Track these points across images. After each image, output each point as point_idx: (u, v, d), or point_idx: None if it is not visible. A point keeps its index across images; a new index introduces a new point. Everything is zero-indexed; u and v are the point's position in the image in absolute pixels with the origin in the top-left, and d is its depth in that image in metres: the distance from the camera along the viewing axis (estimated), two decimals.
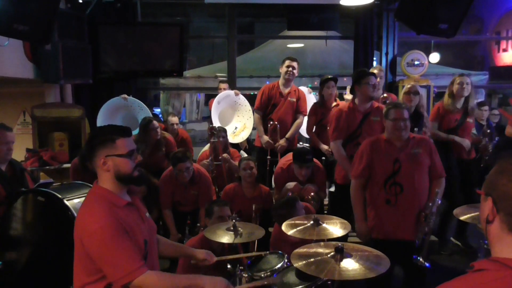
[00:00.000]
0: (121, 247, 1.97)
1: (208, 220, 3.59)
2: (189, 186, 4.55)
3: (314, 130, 5.38)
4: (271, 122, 5.30)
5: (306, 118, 5.53)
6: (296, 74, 5.44)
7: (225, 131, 5.38)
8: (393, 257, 2.47)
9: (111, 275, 1.98)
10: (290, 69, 5.31)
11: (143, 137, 5.13)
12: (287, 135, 5.34)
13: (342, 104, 4.67)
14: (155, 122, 5.23)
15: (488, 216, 1.31)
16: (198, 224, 4.43)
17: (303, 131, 5.84)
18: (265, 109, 5.42)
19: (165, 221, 4.61)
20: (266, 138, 5.29)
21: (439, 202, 3.48)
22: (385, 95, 5.36)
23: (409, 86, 4.82)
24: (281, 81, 5.44)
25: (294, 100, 5.42)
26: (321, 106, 5.36)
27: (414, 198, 3.45)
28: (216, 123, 5.69)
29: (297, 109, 5.45)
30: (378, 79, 5.27)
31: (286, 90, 5.41)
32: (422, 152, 3.53)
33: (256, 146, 5.70)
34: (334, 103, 5.34)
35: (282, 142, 5.28)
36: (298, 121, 5.44)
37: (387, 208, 3.49)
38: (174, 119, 5.85)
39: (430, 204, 3.42)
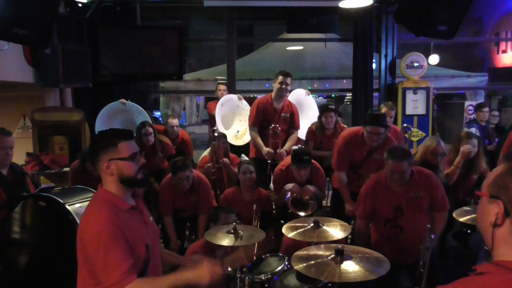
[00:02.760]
0: (115, 254, 1.96)
1: (213, 225, 3.59)
2: (189, 193, 4.55)
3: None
4: (272, 126, 5.25)
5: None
6: (290, 89, 5.34)
7: (225, 136, 5.37)
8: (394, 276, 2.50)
9: (102, 280, 1.98)
10: (284, 86, 5.18)
11: (137, 141, 5.11)
12: (285, 147, 5.27)
13: (352, 133, 4.51)
14: (148, 128, 5.19)
15: (497, 219, 1.27)
16: (194, 237, 4.43)
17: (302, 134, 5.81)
18: (259, 125, 5.33)
19: (165, 227, 4.61)
20: (266, 149, 5.20)
21: (433, 236, 3.45)
22: (405, 124, 5.31)
23: (433, 145, 4.42)
24: (274, 95, 5.32)
25: (288, 115, 5.33)
26: (320, 133, 5.33)
27: (414, 237, 3.44)
28: (219, 124, 5.69)
29: (291, 124, 5.37)
30: (388, 118, 5.23)
31: (280, 105, 5.32)
32: (423, 194, 3.53)
33: (250, 158, 5.62)
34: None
35: (283, 151, 5.24)
36: (293, 136, 5.36)
37: (388, 242, 3.55)
38: (174, 121, 5.84)
39: (428, 239, 3.41)
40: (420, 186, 3.55)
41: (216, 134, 5.21)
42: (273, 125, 5.24)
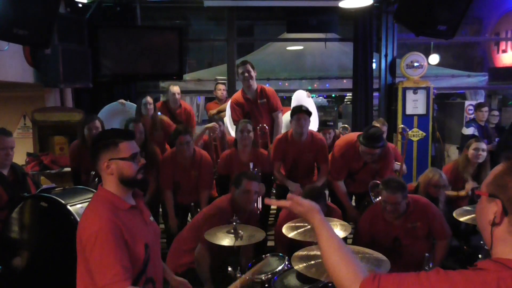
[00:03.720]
0: (111, 256, 1.95)
1: (235, 189, 3.61)
2: (190, 166, 4.52)
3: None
4: (258, 127, 5.22)
5: None
6: (254, 74, 5.27)
7: (222, 120, 5.34)
8: None
9: (95, 280, 1.97)
10: (246, 74, 5.19)
11: (136, 114, 5.10)
12: (275, 134, 5.28)
13: (348, 143, 4.50)
14: (148, 98, 5.20)
15: (495, 218, 1.29)
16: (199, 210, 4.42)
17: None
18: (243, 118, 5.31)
19: (164, 202, 4.57)
20: None
21: (431, 265, 3.44)
22: (402, 126, 5.64)
23: (435, 178, 4.32)
24: (243, 88, 5.34)
25: (264, 100, 5.32)
26: None
27: (414, 262, 3.38)
28: (227, 122, 5.71)
29: (270, 109, 5.35)
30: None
31: (252, 94, 5.30)
32: (420, 225, 3.54)
33: None
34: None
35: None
36: (277, 120, 5.36)
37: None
38: (175, 88, 5.79)
39: (426, 268, 3.40)
40: (417, 217, 3.55)
41: (212, 134, 5.22)
42: (260, 125, 5.22)
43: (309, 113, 4.54)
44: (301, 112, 4.48)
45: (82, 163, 4.63)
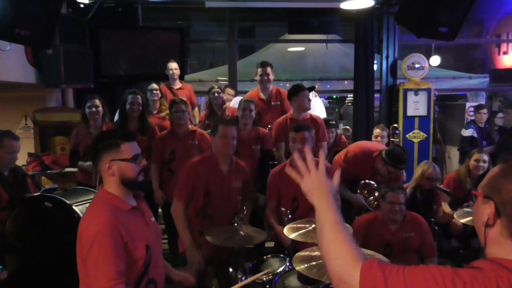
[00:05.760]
0: (107, 260, 1.95)
1: (212, 137, 3.57)
2: (186, 136, 4.51)
3: None
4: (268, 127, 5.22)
5: None
6: (272, 78, 5.29)
7: (221, 88, 5.38)
8: None
9: (92, 283, 1.99)
10: (265, 76, 5.20)
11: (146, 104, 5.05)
12: None
13: (365, 153, 4.48)
14: (154, 85, 5.34)
15: (489, 220, 1.30)
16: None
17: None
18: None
19: (151, 174, 4.53)
20: None
21: None
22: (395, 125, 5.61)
23: (429, 171, 4.43)
24: (259, 88, 5.35)
25: (278, 103, 5.33)
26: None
27: None
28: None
29: (283, 112, 5.30)
30: (380, 139, 5.47)
31: (267, 95, 5.31)
32: (414, 236, 3.62)
33: None
34: None
35: None
36: None
37: None
38: (173, 65, 5.87)
39: None
40: (412, 227, 3.65)
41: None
42: (270, 125, 5.18)
43: (313, 89, 4.77)
44: (305, 89, 4.62)
45: (81, 144, 4.59)
